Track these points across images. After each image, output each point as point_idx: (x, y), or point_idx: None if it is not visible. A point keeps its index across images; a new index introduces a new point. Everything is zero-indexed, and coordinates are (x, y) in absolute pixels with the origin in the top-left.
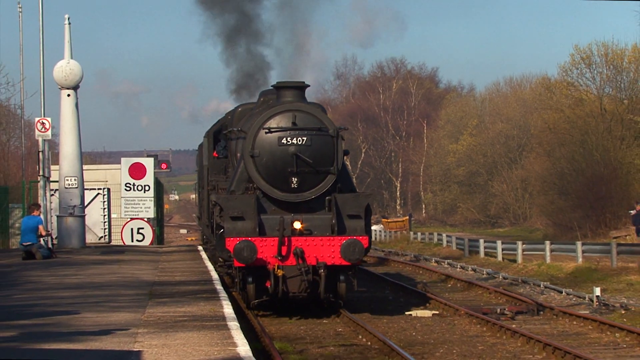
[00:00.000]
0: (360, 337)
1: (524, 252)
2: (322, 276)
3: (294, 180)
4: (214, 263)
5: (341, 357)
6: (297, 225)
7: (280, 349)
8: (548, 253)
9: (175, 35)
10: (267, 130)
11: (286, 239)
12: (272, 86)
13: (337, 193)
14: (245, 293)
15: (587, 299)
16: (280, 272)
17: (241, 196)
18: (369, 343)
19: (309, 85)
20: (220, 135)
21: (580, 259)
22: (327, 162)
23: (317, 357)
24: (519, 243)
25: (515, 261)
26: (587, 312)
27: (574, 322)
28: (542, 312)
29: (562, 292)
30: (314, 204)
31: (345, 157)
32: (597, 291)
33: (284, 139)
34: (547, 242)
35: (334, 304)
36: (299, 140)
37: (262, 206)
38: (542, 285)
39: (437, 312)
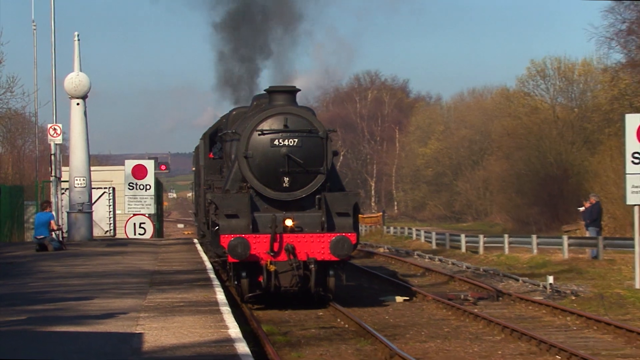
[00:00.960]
0: (338, 320)
1: (485, 245)
2: (312, 271)
3: (286, 179)
4: (208, 255)
5: (321, 337)
6: (289, 222)
7: (267, 332)
8: (507, 245)
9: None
10: (260, 132)
11: (278, 235)
12: (264, 90)
13: (327, 192)
14: (239, 287)
15: (541, 286)
16: (272, 268)
17: (235, 195)
18: (347, 326)
19: (299, 90)
20: (215, 137)
21: (535, 251)
22: (317, 163)
23: (300, 338)
24: (481, 236)
25: (477, 252)
26: (542, 298)
27: (530, 307)
28: (501, 298)
29: (519, 280)
30: (304, 202)
31: (334, 158)
32: (550, 279)
33: (276, 140)
34: (506, 236)
35: (324, 298)
36: (291, 142)
37: (255, 204)
38: (501, 274)
39: (407, 298)
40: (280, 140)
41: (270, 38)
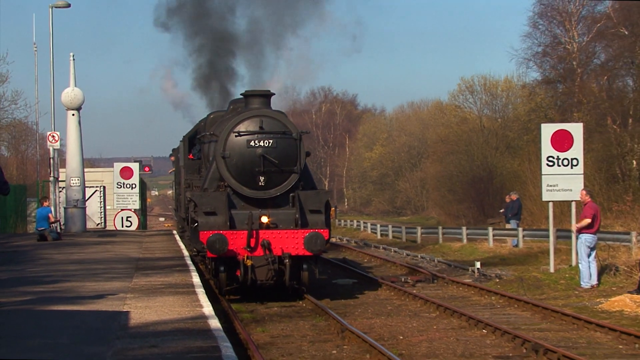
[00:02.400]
0: (298, 300)
1: (422, 235)
2: (287, 265)
3: (261, 178)
4: (188, 248)
5: (282, 315)
6: (264, 219)
7: (236, 310)
8: (440, 236)
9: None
10: (236, 134)
11: (254, 232)
12: (241, 94)
13: (300, 190)
14: (218, 281)
15: (470, 270)
16: (249, 262)
17: (213, 193)
18: (304, 305)
19: (274, 94)
20: (194, 139)
21: (465, 240)
22: (290, 163)
23: (264, 316)
24: (419, 228)
25: (415, 242)
26: (470, 280)
27: (460, 288)
28: (436, 281)
29: (451, 265)
30: (279, 200)
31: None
32: (478, 265)
33: (252, 141)
34: (440, 227)
35: (298, 290)
36: (266, 143)
37: (233, 202)
38: (435, 260)
39: (356, 281)
40: (256, 141)
41: (237, 64)
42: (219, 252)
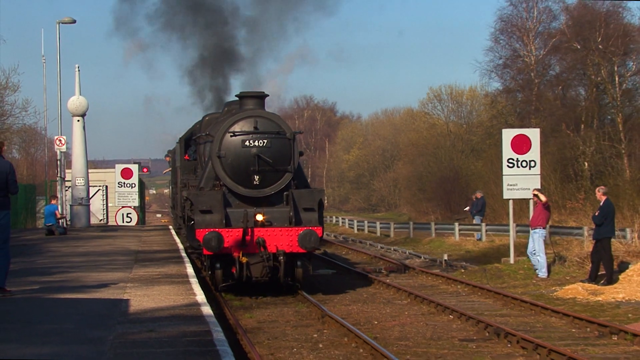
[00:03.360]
0: (290, 296)
1: (395, 229)
2: (281, 262)
3: (256, 178)
4: (184, 244)
5: (268, 303)
6: (259, 217)
7: (227, 298)
8: (411, 230)
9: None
10: (232, 134)
11: (249, 230)
12: (235, 96)
13: (294, 189)
14: (214, 277)
15: (438, 261)
16: (244, 259)
17: (209, 192)
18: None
19: (268, 95)
20: (190, 141)
21: (433, 234)
22: (284, 162)
23: (252, 303)
24: (392, 223)
25: (389, 236)
26: (438, 270)
27: (429, 278)
28: (407, 271)
29: (421, 257)
30: (273, 198)
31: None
32: (445, 256)
33: (247, 141)
34: (411, 223)
35: (292, 287)
36: (260, 143)
37: (228, 201)
38: (407, 252)
39: (335, 271)
40: (251, 141)
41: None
42: (215, 249)
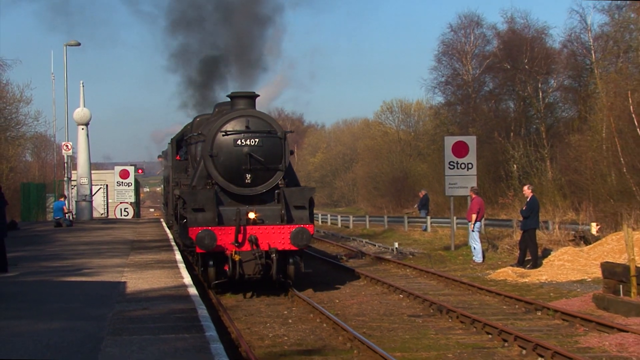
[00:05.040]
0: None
1: (354, 222)
2: (274, 260)
3: (248, 176)
4: (173, 234)
5: (245, 284)
6: (252, 215)
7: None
8: (367, 222)
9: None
10: (224, 133)
11: (242, 227)
12: (227, 96)
13: (285, 187)
14: (206, 275)
15: (390, 249)
16: (237, 257)
17: (202, 191)
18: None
19: (259, 95)
20: (182, 142)
21: (386, 225)
22: (276, 161)
23: (231, 285)
24: (351, 217)
25: (348, 227)
26: (390, 257)
27: (383, 262)
28: (364, 257)
29: (375, 245)
30: (265, 196)
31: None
32: (396, 244)
33: (239, 140)
34: (367, 216)
35: (284, 284)
36: (252, 142)
37: (220, 199)
38: (364, 241)
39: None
40: (243, 140)
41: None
42: (208, 247)
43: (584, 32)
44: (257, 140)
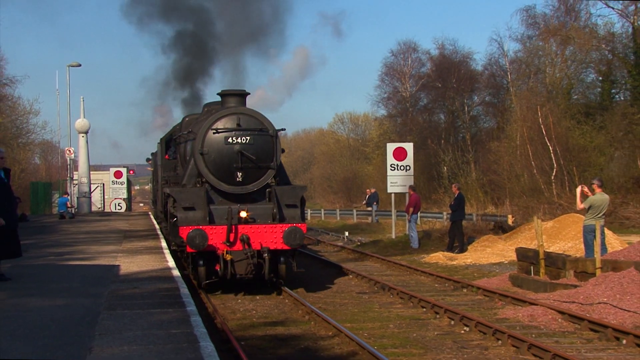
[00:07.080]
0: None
1: (311, 215)
2: (266, 259)
3: (239, 174)
4: (160, 226)
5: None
6: (243, 214)
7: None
8: (323, 215)
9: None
10: (214, 131)
11: (233, 227)
12: (217, 94)
13: (276, 185)
14: (197, 274)
15: (341, 237)
16: (228, 257)
17: (192, 189)
18: None
19: (249, 93)
20: (171, 142)
21: (338, 218)
22: (267, 159)
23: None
24: (308, 210)
25: (307, 219)
26: (342, 243)
27: (335, 248)
28: (320, 244)
29: (329, 234)
30: (256, 195)
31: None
32: (347, 234)
33: (230, 138)
34: (322, 209)
35: (276, 283)
36: (243, 140)
37: (211, 198)
38: (320, 230)
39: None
40: (234, 138)
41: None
42: (199, 247)
43: (501, 57)
44: (248, 138)
